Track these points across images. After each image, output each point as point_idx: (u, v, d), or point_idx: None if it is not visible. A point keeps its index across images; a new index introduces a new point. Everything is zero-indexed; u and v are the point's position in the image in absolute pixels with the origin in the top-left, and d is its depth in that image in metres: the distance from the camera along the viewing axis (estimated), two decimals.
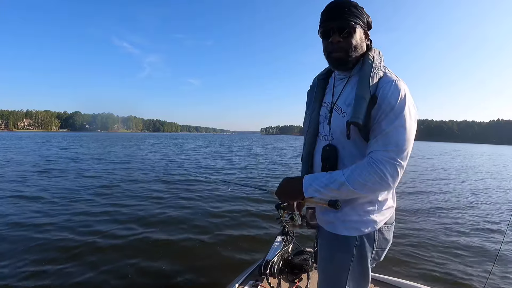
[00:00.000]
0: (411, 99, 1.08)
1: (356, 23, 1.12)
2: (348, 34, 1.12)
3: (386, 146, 1.04)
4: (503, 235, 4.78)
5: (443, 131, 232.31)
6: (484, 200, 8.30)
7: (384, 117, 1.06)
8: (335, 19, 1.12)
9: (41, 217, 5.33)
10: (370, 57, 1.14)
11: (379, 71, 1.11)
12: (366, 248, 1.17)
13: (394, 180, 1.05)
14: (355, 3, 1.15)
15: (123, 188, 8.25)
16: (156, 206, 6.47)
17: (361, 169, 1.05)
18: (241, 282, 2.17)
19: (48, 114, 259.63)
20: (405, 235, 4.67)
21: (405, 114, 1.04)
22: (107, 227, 4.89)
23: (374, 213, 1.17)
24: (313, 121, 1.30)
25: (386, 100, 1.05)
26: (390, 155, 1.03)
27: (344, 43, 1.13)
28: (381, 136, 1.06)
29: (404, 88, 1.07)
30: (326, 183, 1.10)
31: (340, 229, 1.19)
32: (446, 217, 6.13)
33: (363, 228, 1.16)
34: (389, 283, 2.24)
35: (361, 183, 1.05)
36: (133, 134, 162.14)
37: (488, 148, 79.30)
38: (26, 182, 8.89)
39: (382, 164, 1.03)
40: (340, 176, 1.08)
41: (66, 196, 7.05)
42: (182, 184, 9.14)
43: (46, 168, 12.07)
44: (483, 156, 34.15)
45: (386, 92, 1.06)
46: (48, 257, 3.73)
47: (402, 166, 1.04)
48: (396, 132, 1.04)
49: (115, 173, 11.22)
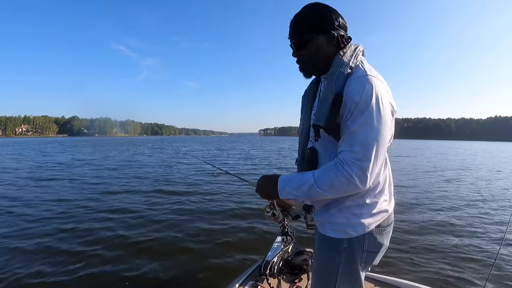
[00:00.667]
0: (382, 94, 1.02)
1: (308, 36, 1.13)
2: (303, 46, 1.16)
3: (352, 146, 1.01)
4: (503, 234, 4.79)
5: (441, 129, 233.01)
6: (484, 199, 8.27)
7: (350, 115, 1.03)
8: (291, 37, 1.19)
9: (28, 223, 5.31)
10: (340, 55, 1.12)
11: (346, 68, 1.07)
12: (355, 251, 1.15)
13: (362, 182, 1.01)
14: (311, 9, 1.14)
15: (121, 191, 8.24)
16: (153, 206, 6.47)
17: (329, 171, 1.04)
18: (241, 283, 2.16)
19: (46, 119, 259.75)
20: (404, 235, 4.66)
21: (370, 111, 0.99)
22: (107, 227, 4.88)
23: (363, 216, 1.14)
24: (305, 125, 1.32)
25: (350, 98, 1.02)
26: (356, 156, 0.99)
27: (303, 56, 1.18)
28: (347, 136, 1.03)
29: (370, 83, 1.01)
30: (298, 185, 1.10)
31: (328, 230, 1.19)
32: (445, 218, 6.14)
33: (351, 231, 1.14)
34: (389, 283, 2.23)
35: (328, 185, 1.03)
36: (131, 138, 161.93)
37: (487, 145, 79.37)
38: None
39: (348, 165, 1.00)
40: (310, 178, 1.07)
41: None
42: (180, 186, 9.12)
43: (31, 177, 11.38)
44: (483, 154, 34.12)
45: (351, 89, 1.02)
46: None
47: (368, 167, 1.00)
48: (361, 131, 1.00)
49: (107, 177, 11.19)
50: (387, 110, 1.03)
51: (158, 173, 12.38)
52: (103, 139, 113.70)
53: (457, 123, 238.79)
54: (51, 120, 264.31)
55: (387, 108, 1.04)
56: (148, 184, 9.60)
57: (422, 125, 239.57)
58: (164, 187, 9.00)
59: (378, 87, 1.02)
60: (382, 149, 1.02)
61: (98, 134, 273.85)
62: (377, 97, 1.00)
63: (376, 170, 1.04)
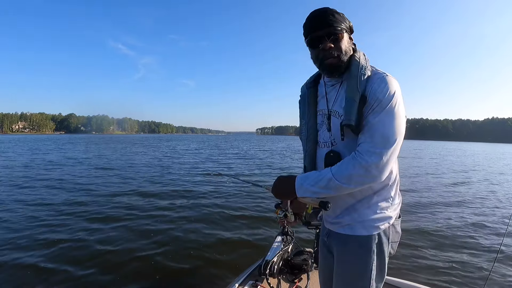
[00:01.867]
0: (400, 94, 1.09)
1: (341, 28, 1.14)
2: (337, 39, 1.14)
3: (372, 137, 1.04)
4: (503, 235, 4.81)
5: (438, 130, 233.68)
6: (484, 199, 8.33)
7: (371, 111, 1.07)
8: (322, 27, 1.13)
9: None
10: (356, 59, 1.16)
11: (366, 70, 1.12)
12: (384, 243, 1.19)
13: (380, 172, 1.05)
14: (335, 10, 1.17)
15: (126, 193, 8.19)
16: (153, 205, 6.45)
17: (347, 163, 1.07)
18: (241, 282, 2.15)
19: (43, 116, 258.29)
20: (404, 235, 4.60)
21: (391, 106, 1.05)
22: (106, 228, 4.87)
23: (389, 209, 1.20)
24: (311, 129, 1.30)
25: (374, 96, 1.07)
26: (376, 146, 1.03)
27: (335, 48, 1.14)
28: (367, 129, 1.07)
29: (391, 82, 1.08)
30: (315, 181, 1.12)
31: (359, 229, 1.19)
32: (444, 218, 6.18)
33: (381, 225, 1.18)
34: (389, 283, 2.24)
35: (346, 176, 1.06)
36: (128, 136, 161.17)
37: (485, 146, 79.58)
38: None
39: (368, 155, 1.03)
40: (327, 172, 1.10)
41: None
42: (180, 186, 9.12)
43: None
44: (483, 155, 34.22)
45: (375, 88, 1.07)
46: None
47: (388, 157, 1.04)
48: (382, 124, 1.04)
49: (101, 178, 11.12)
50: (403, 109, 1.09)
51: (157, 174, 12.37)
52: (100, 136, 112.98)
53: (454, 124, 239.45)
54: (48, 117, 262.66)
55: (403, 107, 1.09)
56: (148, 184, 9.60)
57: (419, 126, 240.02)
58: (164, 187, 9.00)
59: (398, 87, 1.09)
60: (399, 143, 1.07)
61: (95, 132, 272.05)
62: (397, 95, 1.07)
63: (392, 162, 1.08)
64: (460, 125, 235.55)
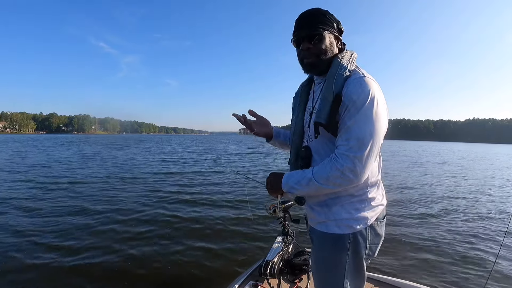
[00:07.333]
0: (378, 94, 1.09)
1: (324, 29, 1.18)
2: (318, 40, 1.18)
3: (348, 140, 1.07)
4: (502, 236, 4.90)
5: (419, 130, 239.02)
6: (484, 200, 8.36)
7: (347, 112, 1.09)
8: (305, 28, 1.19)
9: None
10: (339, 58, 1.19)
11: (346, 70, 1.14)
12: (360, 244, 1.19)
13: (356, 175, 1.07)
14: (325, 11, 1.22)
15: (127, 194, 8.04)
16: (152, 205, 6.47)
17: (326, 165, 1.10)
18: (241, 283, 2.15)
19: (24, 116, 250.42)
20: (404, 235, 4.64)
21: (366, 108, 1.05)
22: (105, 229, 4.80)
23: (365, 210, 1.20)
24: (298, 125, 1.35)
25: (348, 97, 1.08)
26: (351, 149, 1.05)
27: (314, 49, 1.19)
28: (344, 131, 1.09)
29: (367, 84, 1.08)
30: (298, 179, 1.17)
31: (333, 227, 1.21)
32: (444, 218, 6.21)
33: (355, 225, 1.18)
34: (389, 283, 2.27)
35: (324, 178, 1.09)
36: (109, 136, 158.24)
37: (463, 146, 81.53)
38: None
39: (342, 159, 1.06)
40: (309, 172, 1.15)
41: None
42: (177, 186, 9.04)
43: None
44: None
45: (350, 89, 1.08)
46: None
47: (363, 161, 1.06)
48: (357, 126, 1.06)
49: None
50: (382, 109, 1.09)
51: (156, 173, 12.20)
52: (81, 136, 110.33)
53: (435, 124, 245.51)
54: (29, 116, 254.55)
55: (382, 107, 1.09)
56: (147, 184, 9.47)
57: (401, 126, 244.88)
58: (164, 188, 8.91)
59: (374, 88, 1.09)
60: (376, 145, 1.08)
61: (76, 132, 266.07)
62: (373, 96, 1.07)
63: (370, 164, 1.09)
64: (441, 125, 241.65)
